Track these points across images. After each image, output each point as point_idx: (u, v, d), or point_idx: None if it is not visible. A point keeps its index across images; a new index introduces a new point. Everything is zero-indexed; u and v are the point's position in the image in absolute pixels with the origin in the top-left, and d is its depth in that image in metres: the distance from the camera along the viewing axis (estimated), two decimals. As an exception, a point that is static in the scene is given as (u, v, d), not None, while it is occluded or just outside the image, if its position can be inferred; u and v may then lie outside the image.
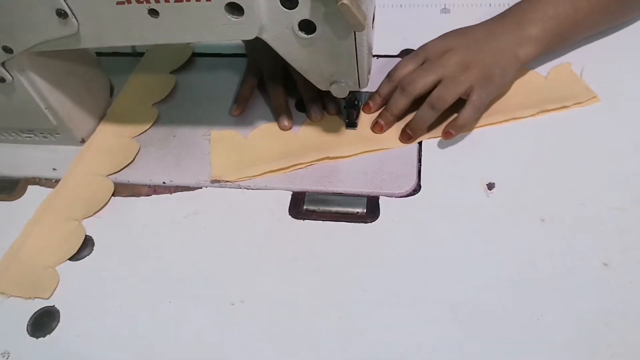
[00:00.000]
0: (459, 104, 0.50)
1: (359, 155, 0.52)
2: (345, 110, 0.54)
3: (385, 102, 0.54)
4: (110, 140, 0.56)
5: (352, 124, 0.54)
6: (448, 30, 0.54)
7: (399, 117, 0.53)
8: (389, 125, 0.53)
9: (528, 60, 0.52)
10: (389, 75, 0.54)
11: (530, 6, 0.52)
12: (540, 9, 0.52)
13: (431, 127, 0.52)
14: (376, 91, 0.55)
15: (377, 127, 0.53)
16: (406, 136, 0.52)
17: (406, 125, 0.52)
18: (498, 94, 0.53)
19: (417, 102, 0.51)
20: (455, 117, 0.50)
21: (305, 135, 0.54)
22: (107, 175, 0.53)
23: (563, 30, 0.52)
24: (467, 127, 0.51)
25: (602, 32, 0.58)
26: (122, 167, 0.54)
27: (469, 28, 0.54)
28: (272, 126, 0.55)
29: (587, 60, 0.56)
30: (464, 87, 0.49)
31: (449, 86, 0.50)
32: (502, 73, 0.51)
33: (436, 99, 0.49)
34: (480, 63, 0.50)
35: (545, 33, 0.52)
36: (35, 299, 0.45)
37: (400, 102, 0.51)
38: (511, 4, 0.63)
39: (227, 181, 0.51)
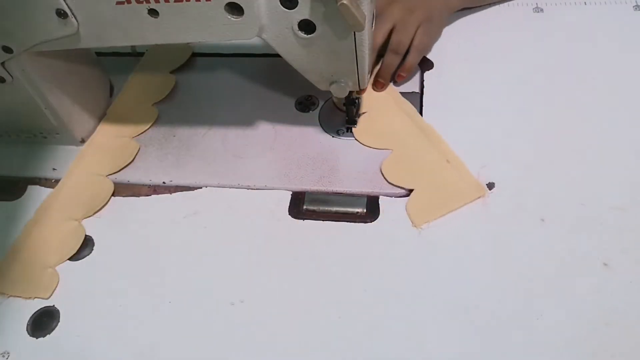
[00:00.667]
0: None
1: (358, 155, 0.52)
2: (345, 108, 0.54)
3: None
4: (110, 140, 0.56)
5: (352, 121, 0.54)
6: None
7: (371, 71, 0.56)
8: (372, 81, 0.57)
9: (455, 8, 0.61)
10: None
11: None
12: None
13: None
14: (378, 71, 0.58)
15: (377, 85, 0.57)
16: (379, 84, 0.56)
17: (377, 75, 0.57)
18: (439, 33, 0.59)
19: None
20: (403, 62, 0.56)
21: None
22: (107, 175, 0.53)
23: None
24: (414, 68, 0.57)
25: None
26: (122, 167, 0.54)
27: None
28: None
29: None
30: (415, 27, 0.55)
31: (402, 30, 0.55)
32: (440, 16, 0.58)
33: (396, 44, 0.55)
34: (422, 5, 0.56)
35: None
36: (35, 299, 0.45)
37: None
38: (512, 4, 0.64)
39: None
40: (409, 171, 0.49)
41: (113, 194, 0.52)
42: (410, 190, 0.48)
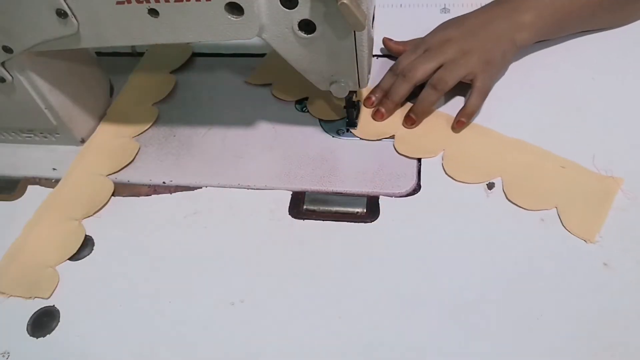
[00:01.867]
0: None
1: (359, 155, 0.52)
2: (345, 110, 0.54)
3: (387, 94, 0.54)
4: (110, 140, 0.56)
5: (352, 123, 0.54)
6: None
7: (399, 104, 0.54)
8: (390, 112, 0.54)
9: (524, 45, 0.54)
10: (391, 69, 0.55)
11: None
12: None
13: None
14: (377, 85, 0.55)
15: (377, 114, 0.54)
16: (410, 120, 0.52)
17: (410, 110, 0.53)
18: (499, 77, 0.55)
19: (417, 94, 0.53)
20: (464, 106, 0.52)
21: None
22: (107, 175, 0.53)
23: (558, 18, 0.54)
24: (476, 113, 0.52)
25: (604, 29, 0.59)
26: (122, 166, 0.54)
27: (465, 17, 0.55)
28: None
29: (588, 53, 0.56)
30: (465, 70, 0.51)
31: (450, 68, 0.51)
32: (502, 56, 0.53)
33: (437, 80, 0.51)
34: (480, 48, 0.52)
35: (539, 20, 0.53)
36: (35, 299, 0.45)
37: (401, 88, 0.52)
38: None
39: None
40: (536, 191, 0.47)
41: (113, 194, 0.52)
42: (415, 190, 0.49)
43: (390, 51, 0.59)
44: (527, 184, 0.47)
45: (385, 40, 0.59)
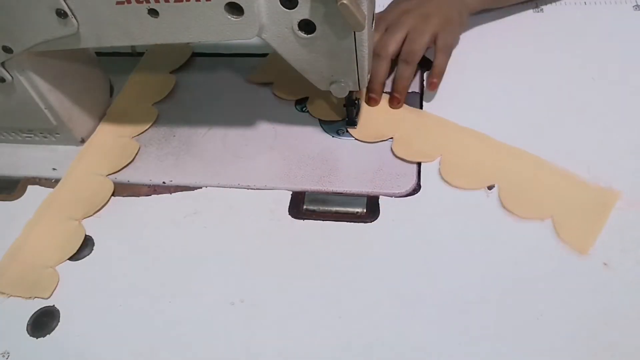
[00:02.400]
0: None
1: (359, 155, 0.52)
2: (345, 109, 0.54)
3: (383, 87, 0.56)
4: (110, 140, 0.56)
5: (352, 122, 0.54)
6: None
7: (384, 83, 0.55)
8: (379, 93, 0.55)
9: (474, 9, 0.58)
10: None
11: None
12: None
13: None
14: (369, 81, 0.55)
15: (371, 101, 0.55)
16: (395, 100, 0.54)
17: (392, 90, 0.54)
18: (460, 33, 0.57)
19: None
20: (432, 67, 0.54)
21: None
22: (107, 175, 0.53)
23: None
24: (444, 70, 0.54)
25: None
26: (122, 166, 0.54)
27: None
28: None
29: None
30: (429, 34, 0.52)
31: (415, 38, 0.52)
32: (459, 15, 0.56)
33: (407, 53, 0.52)
34: (437, 10, 0.54)
35: None
36: (36, 299, 0.45)
37: (380, 67, 0.53)
38: (510, 3, 0.63)
39: None
40: (532, 200, 0.46)
41: (113, 194, 0.52)
42: (415, 190, 0.49)
43: None
44: (523, 193, 0.47)
45: None
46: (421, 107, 0.55)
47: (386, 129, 0.53)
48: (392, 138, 0.52)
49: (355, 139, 0.53)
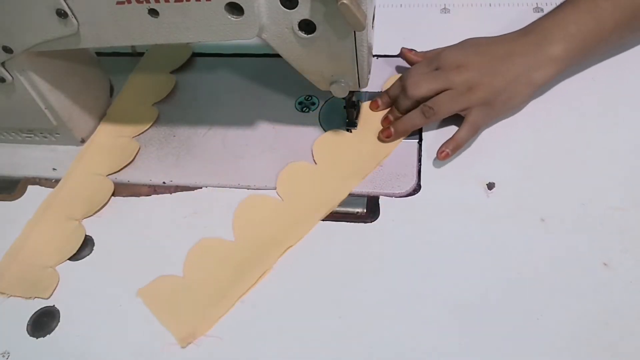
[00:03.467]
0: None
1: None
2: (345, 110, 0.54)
3: (392, 103, 0.53)
4: (110, 140, 0.56)
5: (352, 123, 0.54)
6: (463, 40, 0.53)
7: (392, 107, 0.53)
8: (386, 105, 0.54)
9: (545, 83, 0.50)
10: (401, 78, 0.53)
11: (552, 25, 0.49)
12: (564, 28, 0.49)
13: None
14: (386, 91, 0.55)
15: (372, 104, 0.54)
16: (387, 133, 0.51)
17: (392, 124, 0.52)
18: (497, 118, 0.52)
19: None
20: (451, 137, 0.49)
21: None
22: (107, 175, 0.53)
23: (586, 48, 0.49)
24: (462, 147, 0.50)
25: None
26: (122, 166, 0.54)
27: (489, 44, 0.51)
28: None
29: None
30: (461, 105, 0.49)
31: (447, 99, 0.49)
32: (507, 99, 0.50)
33: (429, 107, 0.49)
34: (489, 86, 0.49)
35: (567, 53, 0.49)
36: (35, 299, 0.45)
37: (404, 103, 0.51)
38: (512, 4, 0.63)
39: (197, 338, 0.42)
40: None
41: (113, 194, 0.52)
42: (415, 190, 0.48)
43: (408, 62, 0.56)
44: None
45: (404, 51, 0.56)
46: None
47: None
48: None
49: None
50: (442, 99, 0.49)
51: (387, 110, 0.54)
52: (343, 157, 0.51)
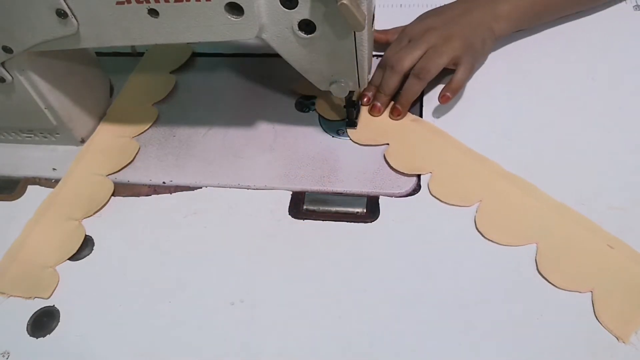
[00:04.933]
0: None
1: (359, 155, 0.52)
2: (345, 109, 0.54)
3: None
4: (110, 140, 0.56)
5: (352, 123, 0.54)
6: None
7: (393, 96, 0.54)
8: (385, 105, 0.54)
9: (501, 35, 0.56)
10: (379, 64, 0.56)
11: None
12: None
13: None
14: (369, 82, 0.55)
15: (374, 109, 0.54)
16: (396, 112, 0.53)
17: (395, 101, 0.53)
18: (481, 62, 0.56)
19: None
20: (449, 81, 0.52)
21: None
22: (107, 175, 0.53)
23: (535, 9, 0.56)
24: (462, 88, 0.53)
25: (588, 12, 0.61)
26: (122, 166, 0.54)
27: (444, 7, 0.57)
28: None
29: (588, 60, 0.56)
30: (447, 56, 0.51)
31: (433, 56, 0.52)
32: (482, 43, 0.54)
33: (420, 69, 0.51)
34: (461, 34, 0.53)
35: (517, 10, 0.55)
36: (36, 299, 0.45)
37: (391, 80, 0.53)
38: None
39: None
40: (574, 269, 0.42)
41: (113, 194, 0.52)
42: (415, 190, 0.48)
43: (376, 41, 0.59)
44: (566, 260, 0.42)
45: (376, 36, 0.59)
46: (421, 107, 0.55)
47: (383, 134, 0.53)
48: (387, 144, 0.52)
49: (351, 140, 0.53)
50: (429, 57, 0.52)
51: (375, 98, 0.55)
52: None
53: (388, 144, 0.52)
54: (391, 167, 0.50)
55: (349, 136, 0.53)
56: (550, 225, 0.44)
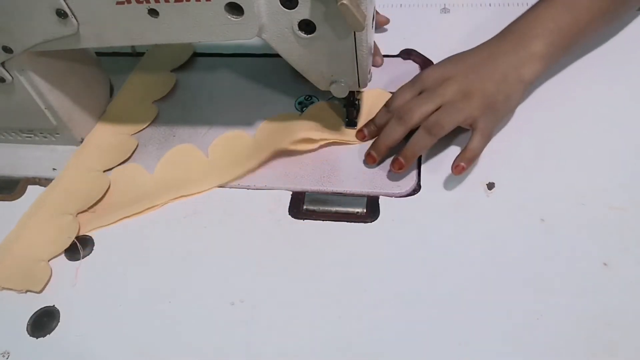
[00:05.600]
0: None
1: (360, 155, 0.52)
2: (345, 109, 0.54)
3: (380, 132, 0.51)
4: (109, 136, 0.56)
5: (352, 122, 0.54)
6: (448, 56, 0.52)
7: (393, 148, 0.49)
8: (381, 156, 0.50)
9: (534, 79, 0.49)
10: (386, 105, 0.51)
11: (530, 22, 0.50)
12: (541, 24, 0.49)
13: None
14: (372, 119, 0.52)
15: (369, 158, 0.50)
16: (398, 165, 0.48)
17: (399, 153, 0.48)
18: (503, 120, 0.51)
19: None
20: (464, 149, 0.47)
21: (161, 177, 0.53)
22: (103, 171, 0.53)
23: (566, 42, 0.50)
24: (477, 157, 0.48)
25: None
26: (119, 163, 0.54)
27: (467, 53, 0.51)
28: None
29: (585, 60, 0.56)
30: (464, 114, 0.47)
31: (448, 111, 0.47)
32: (505, 100, 0.48)
33: (433, 123, 0.47)
34: (481, 91, 0.47)
35: (549, 48, 0.49)
36: (35, 300, 0.45)
37: (396, 131, 0.49)
38: (512, 4, 0.63)
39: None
40: None
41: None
42: (415, 190, 0.49)
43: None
44: None
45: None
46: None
47: None
48: None
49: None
50: (443, 113, 0.47)
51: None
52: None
53: None
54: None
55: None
56: None
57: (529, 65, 0.49)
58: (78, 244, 0.48)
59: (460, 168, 0.46)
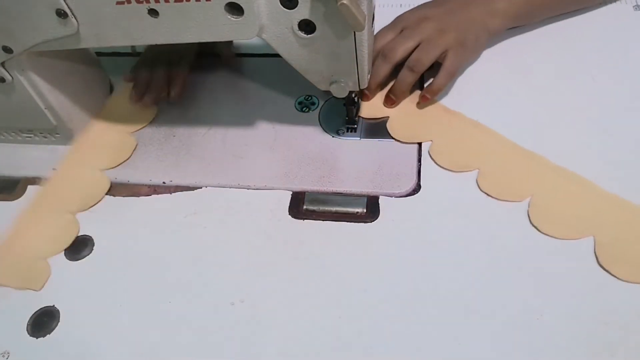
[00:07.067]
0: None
1: (359, 155, 0.52)
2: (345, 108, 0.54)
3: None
4: (107, 135, 0.56)
5: (352, 121, 0.54)
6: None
7: (383, 85, 0.55)
8: (373, 92, 0.55)
9: (496, 32, 0.56)
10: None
11: None
12: None
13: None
14: None
15: (363, 96, 0.55)
16: (390, 101, 0.54)
17: (389, 91, 0.54)
18: (471, 60, 0.57)
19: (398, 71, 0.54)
20: (431, 82, 0.53)
21: None
22: (103, 170, 0.53)
23: (530, 7, 0.57)
24: (441, 91, 0.53)
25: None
26: (119, 163, 0.54)
27: None
28: None
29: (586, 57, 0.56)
30: (441, 49, 0.52)
31: (427, 49, 0.52)
32: (475, 39, 0.55)
33: (414, 61, 0.52)
34: (455, 28, 0.53)
35: (512, 7, 0.56)
36: (35, 299, 0.45)
37: (382, 69, 0.53)
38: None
39: None
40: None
41: (113, 194, 0.52)
42: (415, 190, 0.48)
43: None
44: (628, 251, 0.42)
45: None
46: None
47: (426, 131, 0.53)
48: (431, 141, 0.52)
49: (393, 138, 0.53)
50: (422, 51, 0.52)
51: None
52: None
53: (431, 140, 0.52)
54: (437, 164, 0.50)
55: (389, 132, 0.53)
56: (606, 217, 0.44)
57: (493, 18, 0.56)
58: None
59: (425, 99, 0.53)
